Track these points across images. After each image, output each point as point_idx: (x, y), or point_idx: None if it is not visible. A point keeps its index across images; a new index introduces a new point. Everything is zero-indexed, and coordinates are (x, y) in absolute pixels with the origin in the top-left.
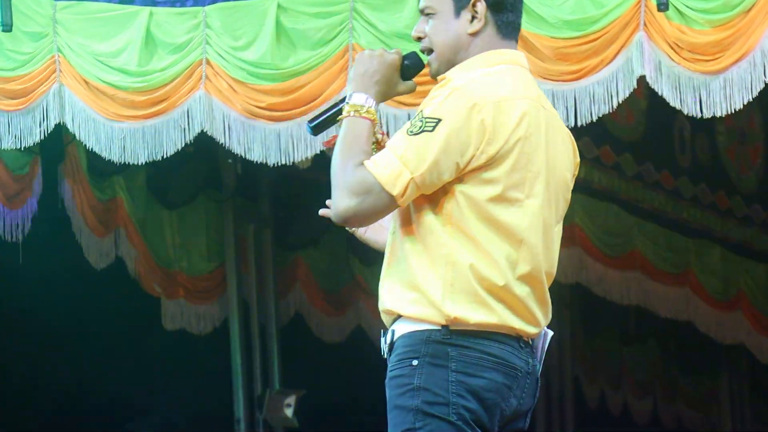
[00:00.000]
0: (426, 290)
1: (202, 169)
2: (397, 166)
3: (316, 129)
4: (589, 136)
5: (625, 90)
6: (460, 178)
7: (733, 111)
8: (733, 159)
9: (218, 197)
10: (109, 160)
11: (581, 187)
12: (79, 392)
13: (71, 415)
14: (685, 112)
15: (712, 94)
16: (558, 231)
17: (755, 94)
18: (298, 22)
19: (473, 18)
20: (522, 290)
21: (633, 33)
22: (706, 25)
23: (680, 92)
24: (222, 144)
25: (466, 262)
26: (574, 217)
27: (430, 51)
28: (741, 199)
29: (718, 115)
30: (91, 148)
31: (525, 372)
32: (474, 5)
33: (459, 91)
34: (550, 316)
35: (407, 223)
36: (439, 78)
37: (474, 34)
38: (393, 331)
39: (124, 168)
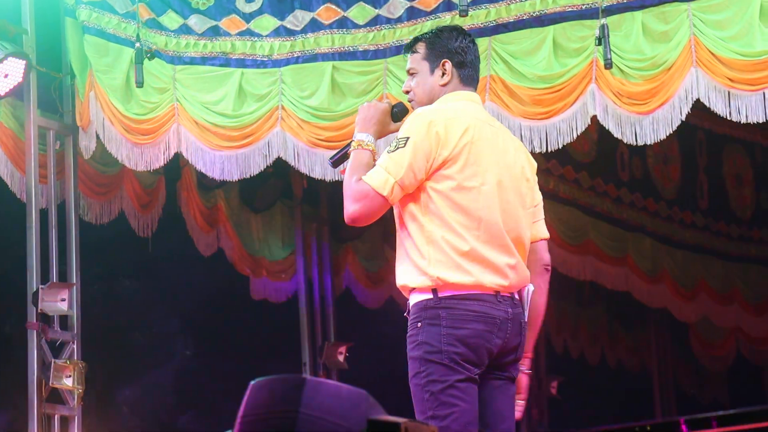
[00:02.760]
0: (418, 264)
1: (279, 184)
2: (384, 174)
3: (335, 164)
4: (557, 159)
5: (582, 126)
6: (429, 177)
7: (659, 140)
8: (659, 175)
9: (290, 204)
10: (212, 178)
11: (550, 196)
12: (194, 342)
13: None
14: (625, 141)
15: (644, 128)
16: (529, 213)
17: (674, 128)
18: (347, 78)
19: (443, 74)
20: (487, 252)
21: (587, 84)
22: (639, 79)
23: (621, 127)
24: (293, 166)
25: (440, 239)
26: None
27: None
28: (665, 203)
29: (648, 143)
30: (200, 170)
31: (504, 319)
32: (443, 65)
33: (420, 115)
34: (526, 273)
35: (401, 219)
36: None
37: (444, 85)
38: (408, 303)
39: (223, 184)
